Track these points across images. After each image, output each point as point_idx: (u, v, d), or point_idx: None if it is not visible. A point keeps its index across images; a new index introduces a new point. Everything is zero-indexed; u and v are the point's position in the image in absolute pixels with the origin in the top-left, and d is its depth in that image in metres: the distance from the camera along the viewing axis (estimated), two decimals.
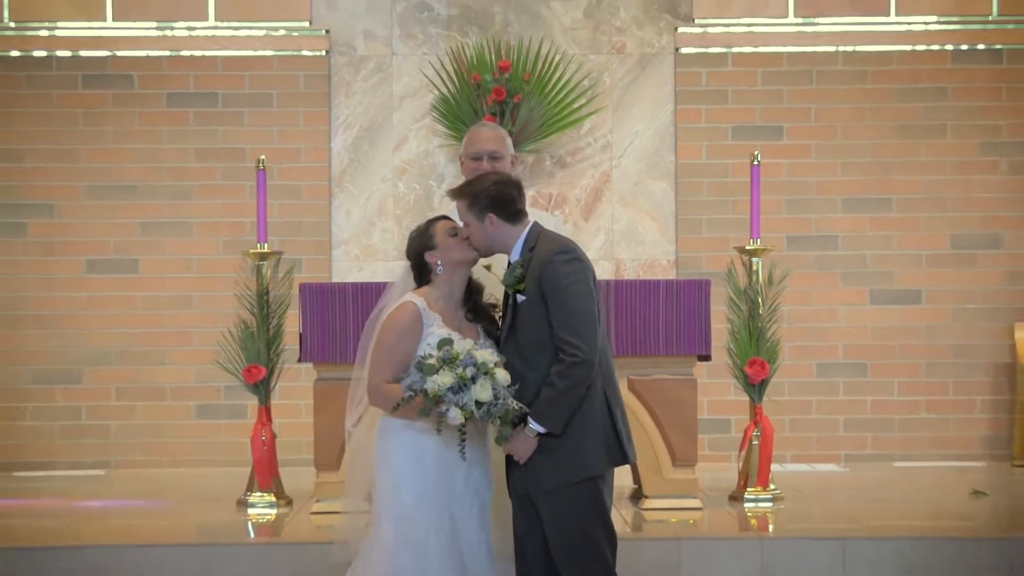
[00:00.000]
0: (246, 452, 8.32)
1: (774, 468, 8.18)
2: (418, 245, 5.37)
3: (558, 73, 10.00)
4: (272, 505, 7.93)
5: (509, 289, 5.20)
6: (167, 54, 10.19)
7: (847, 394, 10.12)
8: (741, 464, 8.18)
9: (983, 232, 10.15)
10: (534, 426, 5.07)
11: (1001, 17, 10.22)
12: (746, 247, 8.22)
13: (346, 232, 10.16)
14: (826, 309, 10.13)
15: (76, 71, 10.17)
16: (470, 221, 5.27)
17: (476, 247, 5.31)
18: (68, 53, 10.17)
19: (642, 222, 10.17)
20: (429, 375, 5.04)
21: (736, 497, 8.06)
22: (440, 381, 5.01)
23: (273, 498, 7.95)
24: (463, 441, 5.11)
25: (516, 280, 5.17)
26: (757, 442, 8.06)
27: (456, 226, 5.35)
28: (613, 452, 5.19)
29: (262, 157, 8.33)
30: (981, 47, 10.22)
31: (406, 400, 5.08)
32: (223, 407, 9.96)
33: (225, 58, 10.20)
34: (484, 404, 5.02)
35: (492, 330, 5.39)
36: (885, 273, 10.16)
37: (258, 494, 7.97)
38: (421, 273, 5.37)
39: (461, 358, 5.04)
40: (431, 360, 5.06)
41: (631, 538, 6.85)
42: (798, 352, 9.90)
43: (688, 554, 6.72)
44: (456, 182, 9.54)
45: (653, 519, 7.44)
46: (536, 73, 9.91)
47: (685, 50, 10.22)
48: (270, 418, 8.12)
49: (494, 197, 5.25)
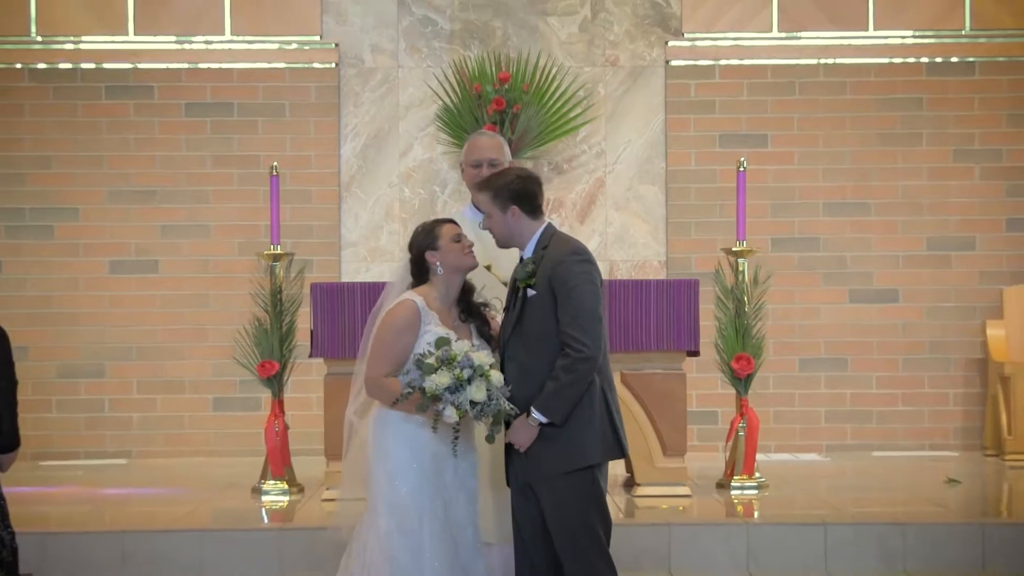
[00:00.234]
0: (260, 442, 8.32)
1: (759, 457, 8.18)
2: (422, 243, 5.31)
3: (555, 84, 10.00)
4: (285, 492, 7.93)
5: (521, 283, 5.14)
6: (186, 66, 10.20)
7: (828, 388, 10.12)
8: (728, 454, 8.18)
9: (957, 235, 10.15)
10: (537, 416, 5.04)
11: (973, 32, 10.22)
12: (733, 249, 8.22)
13: (355, 234, 10.16)
14: (808, 307, 10.13)
15: (100, 82, 10.17)
16: (493, 212, 5.21)
17: (495, 238, 5.26)
18: (92, 65, 10.17)
19: (634, 225, 10.17)
20: (428, 374, 5.00)
21: (723, 485, 8.06)
22: (438, 381, 4.98)
23: (286, 486, 7.96)
24: (456, 439, 5.10)
25: (528, 275, 5.13)
26: (743, 433, 8.06)
27: (461, 232, 5.30)
28: (610, 444, 5.17)
29: (275, 164, 8.33)
30: (955, 60, 10.22)
31: (404, 396, 5.05)
32: (238, 400, 9.97)
33: (240, 70, 10.21)
34: (478, 404, 4.99)
35: (484, 330, 5.35)
36: (864, 273, 10.16)
37: (271, 482, 7.97)
38: (419, 270, 5.32)
39: (459, 359, 5.00)
40: (430, 359, 5.02)
41: (624, 523, 6.85)
42: (782, 348, 9.90)
43: (678, 539, 6.72)
44: (459, 187, 9.61)
45: (645, 505, 7.44)
46: (534, 84, 9.91)
47: (675, 63, 10.22)
48: (283, 410, 8.12)
49: (518, 191, 5.21)
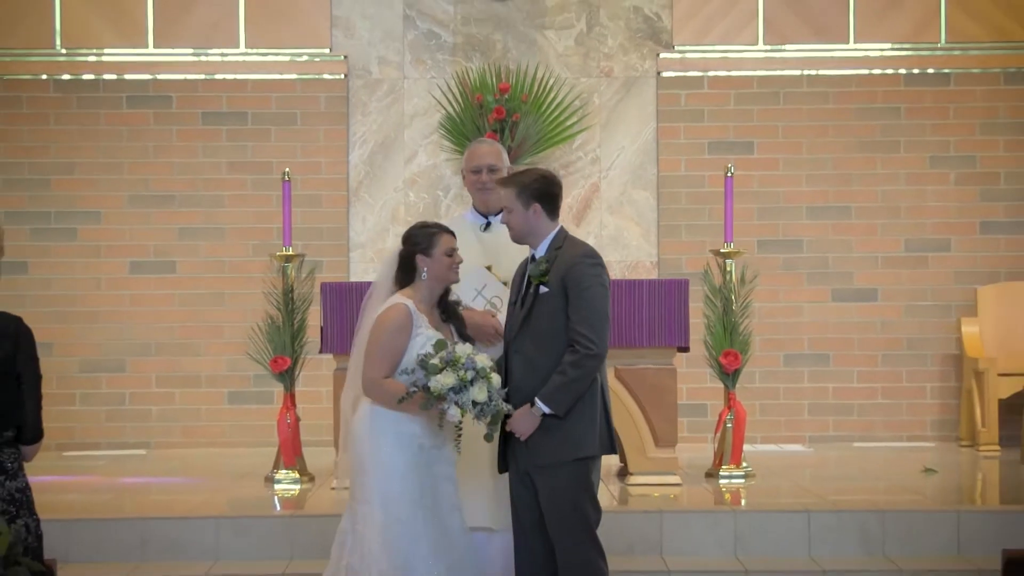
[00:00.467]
0: (273, 434, 8.31)
1: (746, 448, 8.17)
2: (416, 243, 5.25)
3: (552, 94, 9.99)
4: (296, 481, 7.92)
5: (535, 280, 5.11)
6: (202, 77, 10.18)
7: (811, 382, 10.11)
8: (716, 445, 8.17)
9: (933, 237, 10.14)
10: (541, 407, 5.02)
11: (948, 44, 10.21)
12: (721, 250, 8.21)
13: (362, 236, 10.15)
14: (792, 306, 10.12)
15: (121, 93, 10.16)
16: (515, 207, 5.17)
17: (512, 232, 5.22)
18: (114, 76, 10.16)
19: (627, 228, 10.16)
20: (433, 375, 4.97)
21: (712, 474, 8.05)
22: (443, 381, 4.95)
23: (297, 475, 7.95)
24: (459, 436, 5.08)
25: (542, 273, 5.10)
26: (731, 425, 8.05)
27: (455, 247, 5.26)
28: (604, 440, 5.16)
29: (287, 170, 8.33)
30: (931, 71, 10.21)
31: (410, 395, 5.02)
32: (252, 393, 9.95)
33: (254, 81, 10.20)
34: (479, 404, 4.97)
35: (462, 330, 5.33)
36: (845, 273, 10.14)
37: (283, 471, 7.96)
38: (405, 269, 5.27)
39: (463, 361, 4.97)
40: (434, 360, 5.00)
41: (618, 511, 6.85)
42: (767, 344, 9.88)
43: (669, 525, 6.72)
44: (462, 192, 9.60)
45: (637, 494, 7.43)
46: (533, 94, 9.90)
47: (666, 74, 10.21)
48: (294, 403, 8.11)
49: (543, 189, 5.18)
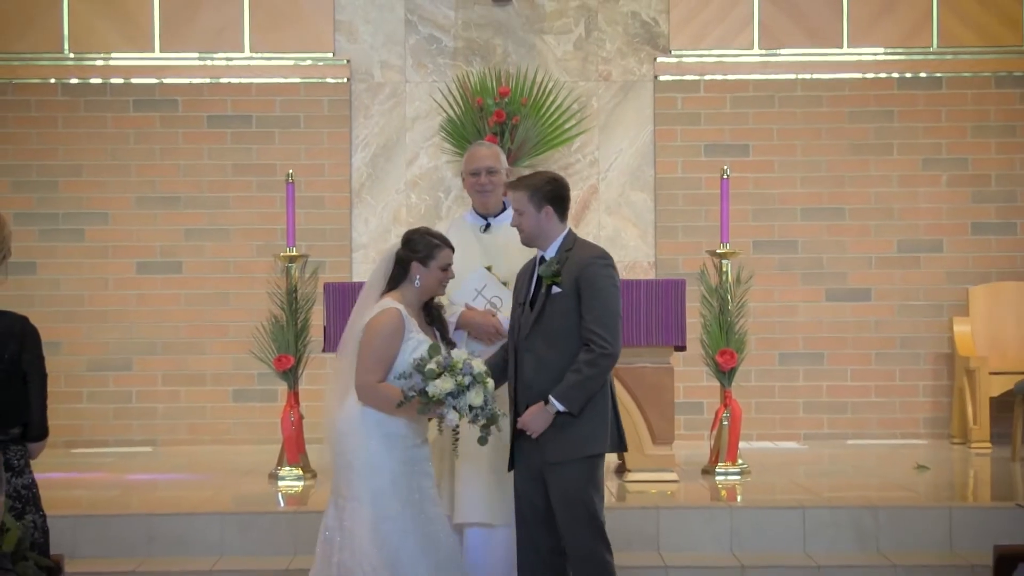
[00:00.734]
0: (277, 431, 8.30)
1: (741, 445, 8.15)
2: (416, 249, 5.25)
3: (551, 98, 9.97)
4: (299, 478, 7.92)
5: (547, 280, 5.10)
6: (208, 81, 10.17)
7: (806, 380, 10.10)
8: (712, 442, 8.16)
9: (926, 238, 10.13)
10: (555, 404, 4.99)
11: (940, 49, 10.20)
12: (717, 251, 8.20)
13: (365, 237, 10.14)
14: (787, 305, 10.10)
15: (128, 96, 10.15)
16: (526, 210, 5.14)
17: (523, 235, 5.20)
18: (121, 80, 10.15)
19: (625, 229, 10.15)
20: (431, 379, 4.96)
21: (708, 471, 8.05)
22: (442, 386, 4.94)
23: (300, 472, 7.95)
24: (456, 439, 5.08)
25: (553, 273, 5.08)
26: (727, 422, 8.05)
27: (451, 263, 5.26)
28: (614, 437, 5.17)
29: (291, 172, 8.32)
30: (923, 75, 10.19)
31: (408, 399, 5.01)
32: (257, 391, 9.94)
33: (259, 85, 10.18)
34: (475, 409, 4.97)
35: (445, 334, 5.33)
36: (839, 274, 10.13)
37: (287, 468, 7.96)
38: (399, 270, 5.26)
39: (460, 366, 4.97)
40: (431, 365, 4.98)
41: (616, 507, 6.83)
42: (763, 343, 9.87)
43: (666, 521, 6.72)
44: (462, 194, 9.59)
45: (635, 490, 7.43)
46: (532, 98, 9.88)
47: (663, 78, 10.20)
48: (298, 401, 8.11)
49: (554, 192, 5.17)
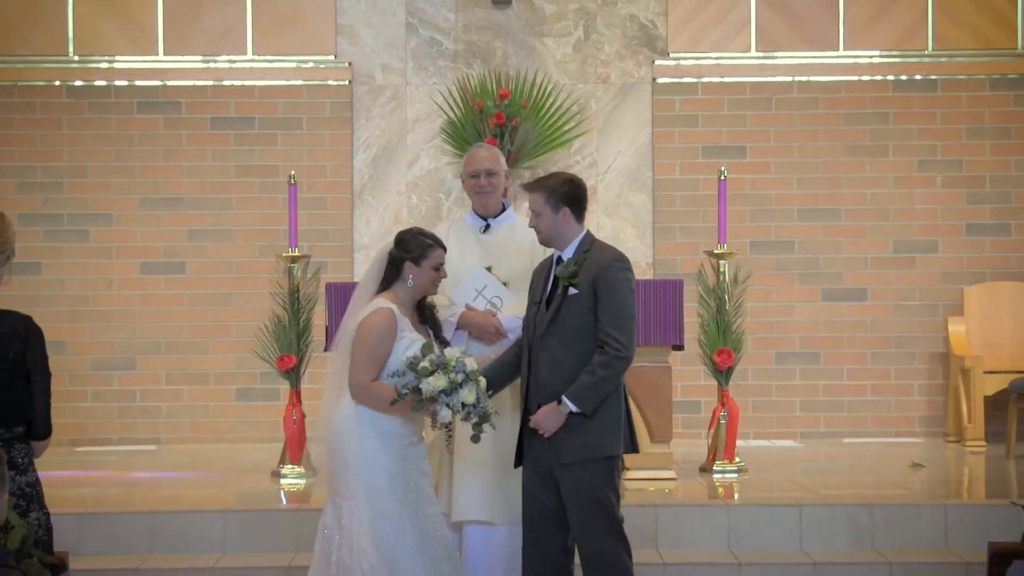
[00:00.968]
0: (279, 430, 8.29)
1: (739, 444, 8.15)
2: (409, 249, 5.24)
3: (551, 100, 9.97)
4: (301, 476, 7.91)
5: (564, 281, 5.08)
6: (211, 83, 10.17)
7: (802, 379, 10.09)
8: (710, 440, 8.16)
9: (921, 238, 10.13)
10: (568, 405, 4.96)
11: (935, 51, 10.19)
12: (714, 251, 8.20)
13: (366, 238, 10.14)
14: (784, 305, 10.10)
15: (132, 98, 10.15)
16: (544, 211, 5.12)
17: (541, 236, 5.18)
18: (125, 83, 10.15)
19: (624, 229, 10.15)
20: (424, 377, 4.95)
21: (706, 469, 8.05)
22: (435, 384, 4.93)
23: (302, 469, 7.94)
24: (450, 437, 5.07)
25: (571, 275, 5.07)
26: (724, 421, 8.04)
27: (442, 263, 5.25)
28: (626, 439, 5.13)
29: (293, 173, 8.31)
30: (918, 77, 10.19)
31: (401, 397, 5.00)
32: (259, 390, 9.94)
33: (261, 87, 10.18)
34: (468, 406, 4.96)
35: (438, 332, 5.33)
36: (835, 274, 10.13)
37: (289, 466, 7.95)
38: (393, 271, 5.25)
39: (453, 364, 4.96)
40: (425, 363, 4.98)
41: None
42: (760, 343, 9.87)
43: (664, 519, 6.71)
44: (463, 195, 9.58)
45: (633, 488, 7.40)
46: (532, 100, 9.88)
47: (661, 80, 10.20)
48: (300, 400, 8.11)
49: (571, 193, 5.14)
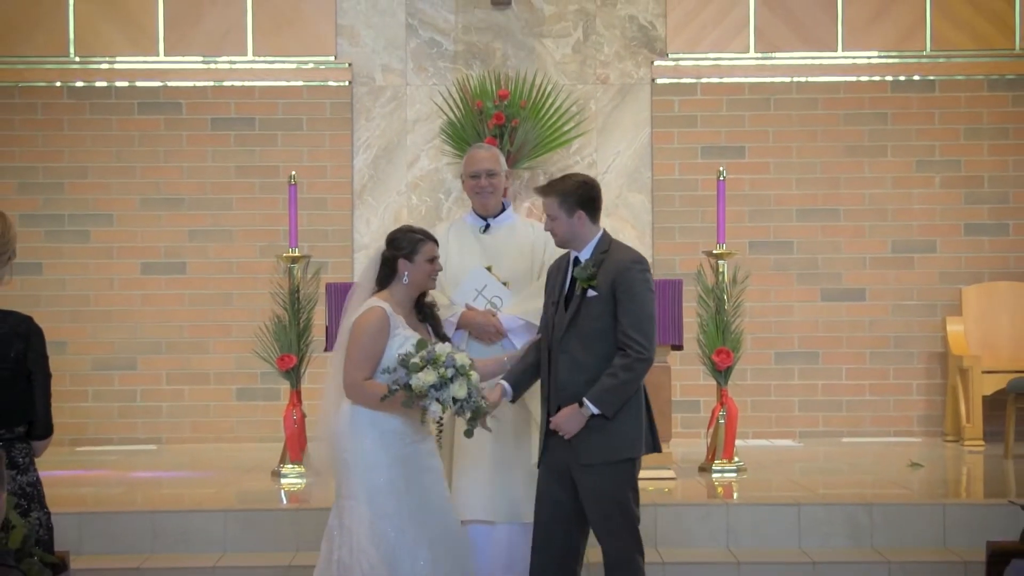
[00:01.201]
0: (279, 429, 8.28)
1: (738, 443, 8.14)
2: (400, 247, 5.22)
3: (550, 101, 9.96)
4: (301, 476, 7.89)
5: (583, 284, 5.03)
6: (211, 84, 10.16)
7: (801, 379, 10.09)
8: (709, 440, 8.15)
9: (919, 238, 10.12)
10: (590, 407, 4.94)
11: (933, 52, 10.19)
12: (713, 251, 8.19)
13: (366, 238, 10.12)
14: (783, 305, 10.10)
15: (132, 99, 10.14)
16: (559, 215, 5.08)
17: (557, 239, 5.14)
18: (125, 83, 10.14)
19: (623, 230, 10.13)
20: (414, 372, 4.95)
21: (705, 468, 8.03)
22: (424, 379, 4.92)
23: (302, 469, 7.92)
24: (440, 431, 5.05)
25: (589, 276, 5.03)
26: (723, 421, 8.03)
27: (437, 255, 5.23)
28: (648, 439, 5.10)
29: (293, 173, 8.30)
30: (916, 78, 10.19)
31: (392, 393, 4.99)
32: (260, 390, 9.93)
33: (262, 88, 10.17)
34: (459, 401, 4.95)
35: (438, 329, 5.31)
36: (834, 274, 10.12)
37: (289, 466, 7.94)
38: (387, 271, 5.24)
39: (443, 359, 4.95)
40: (416, 359, 4.97)
41: None
42: (759, 342, 9.86)
43: (663, 518, 6.70)
44: (462, 195, 9.57)
45: None
46: (531, 101, 9.87)
47: (660, 81, 10.19)
48: (300, 400, 8.09)
49: (585, 195, 5.10)
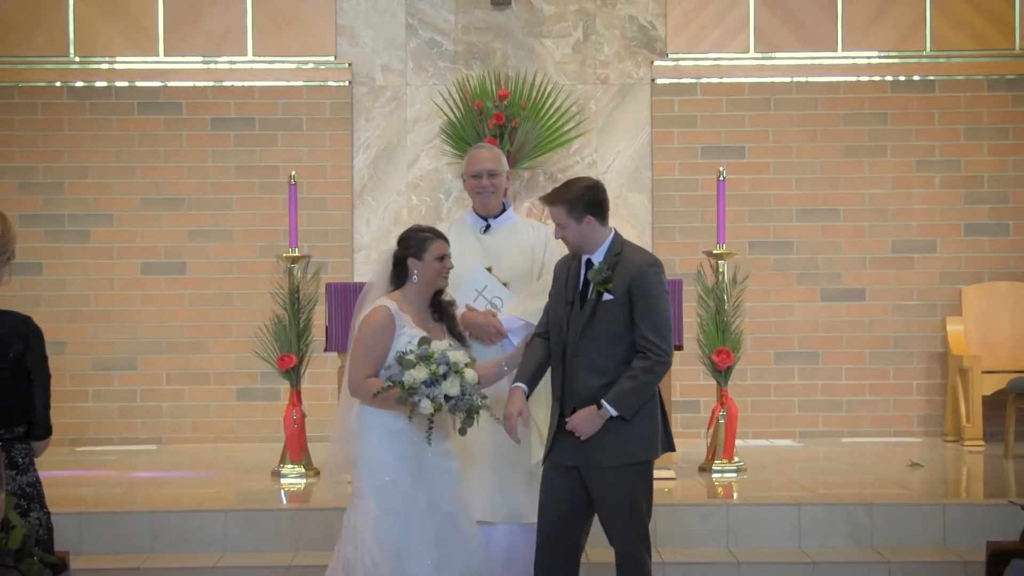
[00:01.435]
0: (279, 429, 8.28)
1: (738, 443, 8.14)
2: (409, 246, 5.23)
3: (550, 101, 9.96)
4: (302, 476, 7.91)
5: (599, 287, 5.02)
6: (211, 84, 10.16)
7: (801, 379, 10.08)
8: (709, 440, 8.15)
9: (919, 238, 10.12)
10: (608, 409, 4.93)
11: (933, 52, 10.18)
12: (713, 251, 8.19)
13: (366, 238, 10.12)
14: (783, 305, 10.09)
15: (132, 99, 10.13)
16: (568, 223, 5.05)
17: (569, 246, 5.12)
18: (125, 83, 10.14)
19: (623, 230, 9.92)
20: (407, 369, 4.97)
21: (705, 468, 8.03)
22: (416, 375, 4.94)
23: (303, 469, 7.94)
24: (430, 429, 5.05)
25: (604, 280, 5.01)
26: (723, 421, 8.03)
27: (447, 253, 5.21)
28: (663, 439, 5.10)
29: (293, 173, 8.30)
30: (916, 78, 10.18)
31: (385, 389, 5.01)
32: (260, 390, 9.93)
33: (261, 88, 10.17)
34: (452, 399, 4.96)
35: (456, 329, 5.30)
36: (834, 274, 10.12)
37: (290, 466, 7.95)
38: (399, 271, 5.24)
39: (436, 356, 4.96)
40: (410, 356, 4.99)
41: None
42: (758, 342, 9.86)
43: (663, 518, 6.66)
44: (462, 195, 9.57)
45: None
46: (531, 101, 9.86)
47: (660, 81, 10.18)
48: (300, 400, 8.10)
49: (592, 200, 5.06)
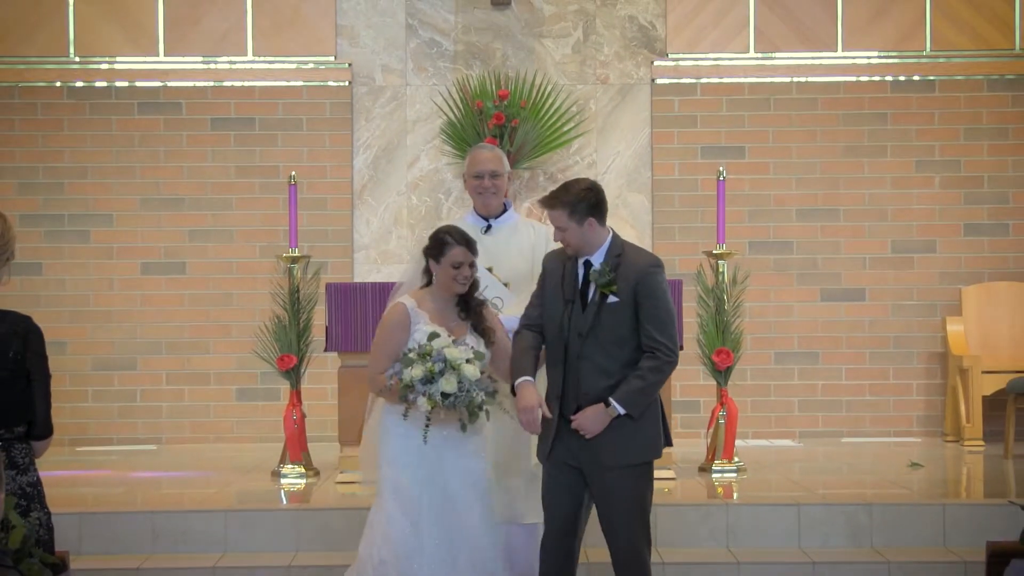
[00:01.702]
0: (279, 429, 8.29)
1: (737, 443, 8.14)
2: (429, 247, 5.29)
3: (550, 101, 9.96)
4: (302, 476, 7.90)
5: (602, 289, 5.02)
6: (211, 84, 10.16)
7: (801, 379, 10.09)
8: (709, 440, 8.15)
9: (919, 239, 10.12)
10: (616, 408, 4.94)
11: (933, 52, 10.19)
12: (713, 252, 8.19)
13: (366, 238, 10.12)
14: (783, 305, 10.10)
15: (132, 99, 10.14)
16: (569, 227, 5.05)
17: (570, 249, 5.11)
18: (125, 84, 10.14)
19: (623, 230, 10.04)
20: (406, 367, 5.00)
21: (705, 469, 8.03)
22: (412, 373, 4.97)
23: (303, 469, 7.93)
24: (427, 426, 5.05)
25: (608, 282, 5.01)
26: (723, 421, 8.03)
27: (463, 261, 5.20)
28: (664, 437, 5.14)
29: (293, 173, 8.30)
30: (916, 78, 10.19)
31: (387, 387, 5.05)
32: (260, 390, 9.93)
33: (261, 88, 10.17)
34: (449, 396, 4.97)
35: (479, 325, 5.29)
36: (833, 274, 10.12)
37: (290, 466, 7.94)
38: (427, 268, 5.31)
39: (433, 354, 4.98)
40: (411, 353, 5.02)
41: None
42: (758, 343, 9.86)
43: (663, 518, 6.68)
44: (463, 195, 9.58)
45: None
46: (531, 101, 9.87)
47: (660, 81, 10.19)
48: (300, 400, 8.10)
49: (592, 202, 5.06)
